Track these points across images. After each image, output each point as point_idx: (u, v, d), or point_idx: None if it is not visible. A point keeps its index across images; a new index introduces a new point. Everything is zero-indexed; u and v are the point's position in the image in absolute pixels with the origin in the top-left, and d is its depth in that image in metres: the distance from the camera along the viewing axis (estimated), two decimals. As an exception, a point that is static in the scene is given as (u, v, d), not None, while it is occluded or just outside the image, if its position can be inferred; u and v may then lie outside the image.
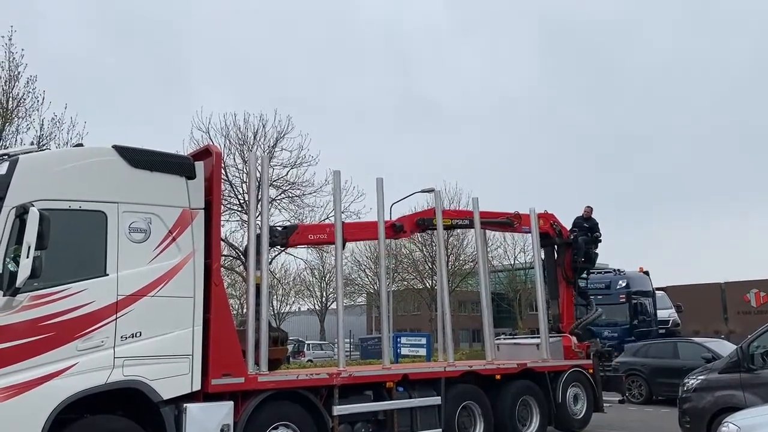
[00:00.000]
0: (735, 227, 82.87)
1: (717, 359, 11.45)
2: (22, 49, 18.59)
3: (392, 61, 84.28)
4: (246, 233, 11.63)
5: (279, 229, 9.57)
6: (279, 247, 10.32)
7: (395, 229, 10.69)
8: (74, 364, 6.02)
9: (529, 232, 12.03)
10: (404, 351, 22.87)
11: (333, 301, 50.20)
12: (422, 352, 22.58)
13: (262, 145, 24.54)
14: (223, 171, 16.80)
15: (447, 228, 11.84)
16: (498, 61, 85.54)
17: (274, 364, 8.13)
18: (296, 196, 24.80)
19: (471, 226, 11.47)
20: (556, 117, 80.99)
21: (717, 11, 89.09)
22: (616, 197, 78.03)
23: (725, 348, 15.01)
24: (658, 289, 23.97)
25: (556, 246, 12.96)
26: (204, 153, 7.85)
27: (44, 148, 16.39)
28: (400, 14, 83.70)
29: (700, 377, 9.37)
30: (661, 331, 22.10)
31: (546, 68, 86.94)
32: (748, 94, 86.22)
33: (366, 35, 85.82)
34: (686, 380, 9.60)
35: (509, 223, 12.12)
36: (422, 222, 11.00)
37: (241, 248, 24.34)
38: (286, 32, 74.63)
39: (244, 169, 23.20)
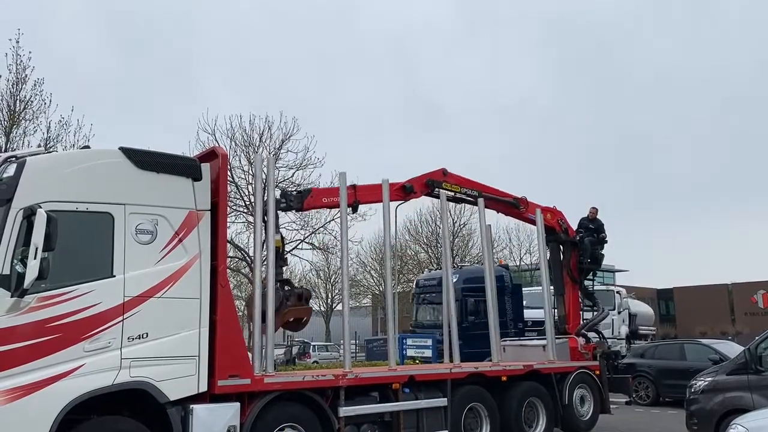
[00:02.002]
0: (742, 228, 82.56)
1: (724, 361, 11.43)
2: (30, 52, 18.73)
3: (396, 64, 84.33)
4: (252, 235, 11.67)
5: (294, 193, 9.63)
6: (295, 211, 10.43)
7: (405, 191, 10.65)
8: (81, 365, 6.04)
9: (535, 223, 12.03)
10: (410, 352, 22.82)
11: (338, 303, 50.23)
12: (428, 353, 22.53)
13: (267, 147, 24.58)
14: (228, 173, 16.88)
15: (453, 200, 11.82)
16: (502, 64, 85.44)
17: (297, 324, 8.18)
18: (302, 197, 24.77)
19: (475, 203, 11.49)
20: (561, 118, 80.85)
21: (719, 12, 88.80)
22: (621, 198, 77.76)
23: (733, 349, 14.96)
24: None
25: (561, 245, 12.95)
26: (210, 155, 7.88)
27: (51, 150, 16.49)
28: (404, 16, 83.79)
29: (707, 379, 9.34)
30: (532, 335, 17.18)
31: (550, 71, 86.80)
32: (752, 95, 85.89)
33: (370, 38, 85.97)
34: (694, 382, 9.58)
35: (515, 204, 12.10)
36: (431, 183, 10.93)
37: (247, 249, 24.46)
38: (290, 36, 74.82)
39: (250, 171, 23.27)
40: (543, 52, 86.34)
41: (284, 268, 8.98)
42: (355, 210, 10.17)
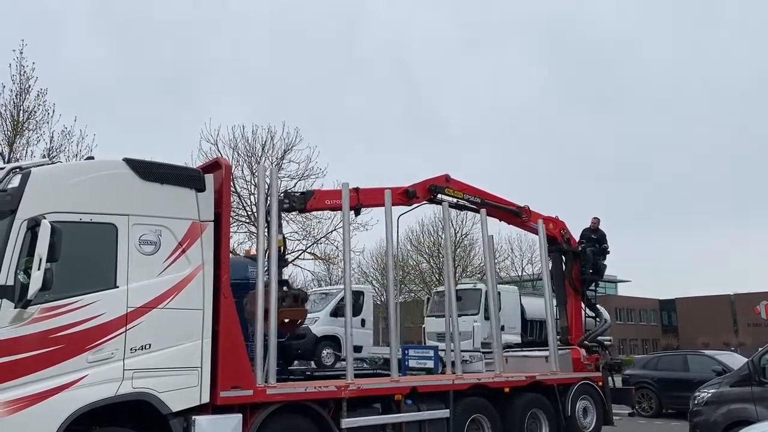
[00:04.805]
0: (744, 238, 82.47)
1: (728, 372, 11.39)
2: (33, 63, 18.83)
3: (398, 74, 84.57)
4: (255, 245, 11.70)
5: (297, 194, 9.71)
6: (297, 212, 10.41)
7: (408, 195, 10.65)
8: (84, 376, 6.04)
9: (537, 233, 12.02)
10: (412, 363, 22.73)
11: (340, 313, 49.89)
12: (430, 364, 22.45)
13: (270, 157, 24.68)
14: (231, 183, 16.90)
15: (456, 206, 11.83)
16: (502, 77, 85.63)
17: (293, 326, 8.21)
18: (304, 207, 24.81)
19: (477, 210, 11.51)
20: (562, 130, 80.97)
21: (719, 22, 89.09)
22: (623, 208, 77.74)
23: (736, 361, 14.91)
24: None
25: (563, 255, 12.93)
26: (213, 165, 7.92)
27: (54, 160, 16.57)
28: (406, 26, 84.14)
29: (711, 390, 9.31)
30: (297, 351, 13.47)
31: (550, 83, 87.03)
32: (753, 104, 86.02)
33: (373, 52, 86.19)
34: (697, 393, 9.55)
35: (518, 213, 12.10)
36: (434, 188, 10.96)
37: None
38: (293, 48, 75.10)
39: (252, 181, 23.35)
40: (543, 62, 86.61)
41: (284, 270, 8.99)
42: (357, 213, 10.22)
